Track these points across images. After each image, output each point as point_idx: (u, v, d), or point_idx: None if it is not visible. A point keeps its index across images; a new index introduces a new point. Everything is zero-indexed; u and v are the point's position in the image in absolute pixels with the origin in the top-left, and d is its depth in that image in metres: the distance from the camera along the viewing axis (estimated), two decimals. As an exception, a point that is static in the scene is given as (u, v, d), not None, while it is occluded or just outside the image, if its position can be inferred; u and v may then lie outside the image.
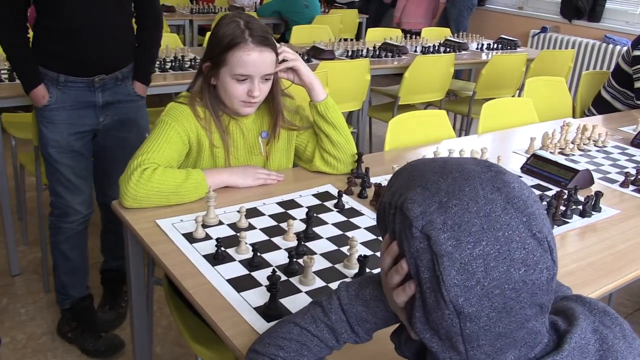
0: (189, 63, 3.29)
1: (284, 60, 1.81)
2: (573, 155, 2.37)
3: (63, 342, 2.42)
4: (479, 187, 0.76)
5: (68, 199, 2.25)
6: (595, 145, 2.52)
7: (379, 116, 4.09)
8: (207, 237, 1.48)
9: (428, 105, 4.66)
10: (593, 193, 1.86)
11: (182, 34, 5.28)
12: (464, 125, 4.56)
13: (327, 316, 0.95)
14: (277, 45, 1.78)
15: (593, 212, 1.83)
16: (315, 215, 1.60)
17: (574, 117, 3.58)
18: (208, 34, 4.15)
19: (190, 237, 1.47)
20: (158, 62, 3.25)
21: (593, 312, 0.86)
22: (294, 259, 1.36)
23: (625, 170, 2.23)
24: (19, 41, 2.10)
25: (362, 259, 1.32)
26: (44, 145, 2.19)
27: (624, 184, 2.09)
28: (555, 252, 0.77)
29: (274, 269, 1.27)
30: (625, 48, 5.46)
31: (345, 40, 4.55)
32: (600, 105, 3.59)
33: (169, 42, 3.72)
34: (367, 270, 1.35)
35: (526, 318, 0.75)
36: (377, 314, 0.93)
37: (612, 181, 2.13)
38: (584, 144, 2.48)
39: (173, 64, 3.24)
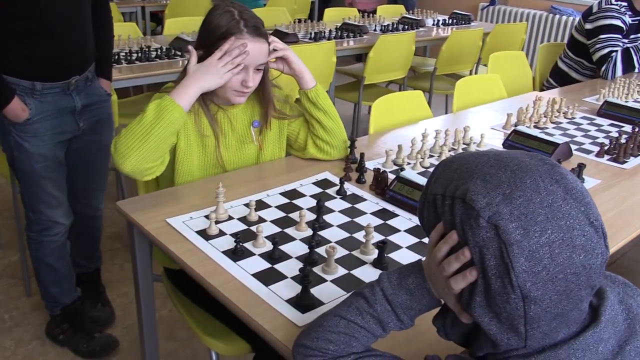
0: (155, 53, 3.24)
1: (274, 50, 1.82)
2: (547, 128, 2.47)
3: (54, 346, 2.39)
4: (539, 179, 0.81)
5: (49, 214, 2.15)
6: (565, 117, 2.62)
7: (344, 96, 4.12)
8: (221, 233, 1.49)
9: (389, 83, 4.72)
10: (576, 165, 1.94)
11: (134, 21, 5.17)
12: (427, 101, 4.63)
13: (372, 307, 0.99)
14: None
15: (578, 184, 1.92)
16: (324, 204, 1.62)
17: (534, 89, 3.70)
18: (171, 20, 4.09)
19: (204, 234, 1.48)
20: (124, 54, 3.19)
21: (616, 284, 0.93)
22: (314, 249, 1.39)
23: (598, 140, 2.34)
24: None
25: (382, 245, 1.36)
26: (26, 161, 2.02)
27: (599, 154, 2.19)
28: (607, 239, 0.83)
29: (304, 265, 1.30)
30: (572, 18, 5.65)
31: (304, 21, 4.54)
32: (558, 76, 3.72)
33: (130, 32, 3.65)
34: (386, 255, 1.40)
35: (581, 299, 0.81)
36: (421, 300, 0.97)
37: (588, 152, 2.23)
38: (555, 117, 2.58)
39: (139, 54, 3.19)
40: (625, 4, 3.40)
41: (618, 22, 3.34)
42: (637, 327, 0.87)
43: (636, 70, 3.45)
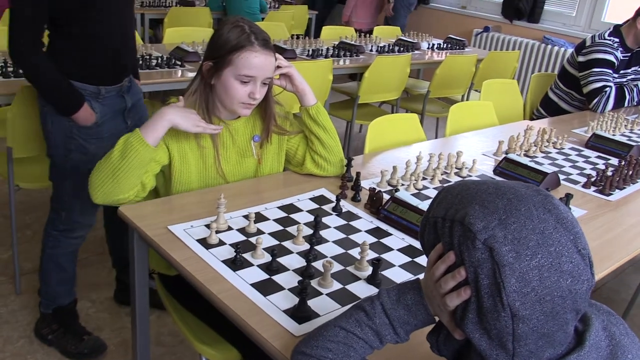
0: (155, 61, 3.29)
1: (278, 67, 1.88)
2: (536, 157, 2.54)
3: (42, 345, 2.41)
4: (532, 207, 0.88)
5: (81, 218, 2.24)
6: (554, 147, 2.70)
7: (337, 114, 4.18)
8: (221, 243, 1.53)
9: (382, 103, 4.79)
10: (564, 195, 2.01)
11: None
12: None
13: (372, 320, 1.04)
14: None
15: (564, 213, 1.98)
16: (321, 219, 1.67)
17: (524, 117, 3.78)
18: (171, 29, 4.15)
19: (205, 243, 1.52)
20: (125, 61, 3.23)
21: (601, 312, 0.99)
22: (311, 263, 1.44)
23: (585, 171, 2.42)
24: (50, 64, 1.99)
25: (377, 262, 1.41)
26: (87, 162, 1.99)
27: (586, 185, 2.26)
28: (593, 267, 0.89)
29: (302, 278, 1.35)
30: (563, 49, 5.78)
31: (298, 37, 4.61)
32: (548, 106, 3.81)
33: (131, 39, 3.70)
34: (379, 272, 1.45)
35: (566, 321, 0.86)
36: (417, 316, 1.03)
37: (575, 182, 2.30)
38: (544, 146, 2.66)
39: (140, 62, 3.23)
40: (617, 40, 3.50)
41: (611, 57, 3.44)
42: (619, 353, 0.93)
43: (625, 106, 3.54)
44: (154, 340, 2.52)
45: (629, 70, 3.63)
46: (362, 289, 1.41)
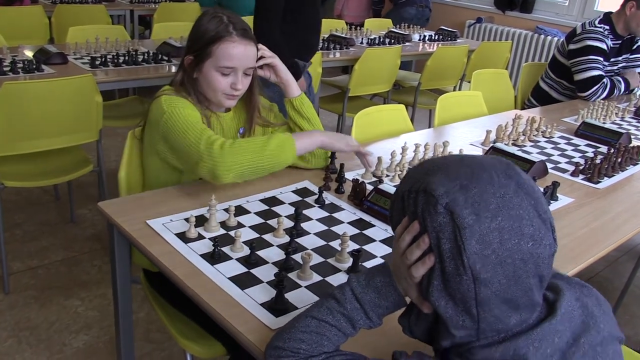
0: (142, 57, 3.26)
1: (261, 57, 1.86)
2: (525, 146, 2.52)
3: (30, 344, 2.39)
4: (494, 174, 0.88)
5: None
6: (543, 136, 2.68)
7: (329, 107, 4.16)
8: (200, 237, 1.51)
9: (374, 95, 4.77)
10: (551, 183, 1.99)
11: (122, 24, 5.19)
12: (410, 115, 4.70)
13: (343, 306, 1.03)
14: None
15: (551, 201, 1.97)
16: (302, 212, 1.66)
17: (515, 107, 3.77)
18: (159, 25, 4.12)
19: (183, 237, 1.50)
20: (111, 57, 3.21)
21: (572, 285, 0.99)
22: (290, 255, 1.42)
23: (574, 160, 2.40)
24: (284, 43, 2.66)
25: (356, 254, 1.40)
26: None
27: (574, 173, 2.24)
28: (555, 233, 0.90)
29: (279, 270, 1.33)
30: (556, 39, 5.75)
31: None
32: (539, 96, 3.79)
33: (118, 35, 3.68)
34: (360, 264, 1.43)
35: (529, 287, 0.87)
36: (388, 298, 1.02)
37: (563, 170, 2.28)
38: (533, 135, 2.64)
39: (126, 58, 3.21)
40: (607, 27, 3.48)
41: (602, 45, 3.41)
42: (592, 323, 0.93)
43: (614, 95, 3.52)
44: (143, 337, 2.50)
45: (620, 58, 3.61)
46: (342, 281, 1.37)
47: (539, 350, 0.87)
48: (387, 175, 2.02)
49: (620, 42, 3.53)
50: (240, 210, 1.68)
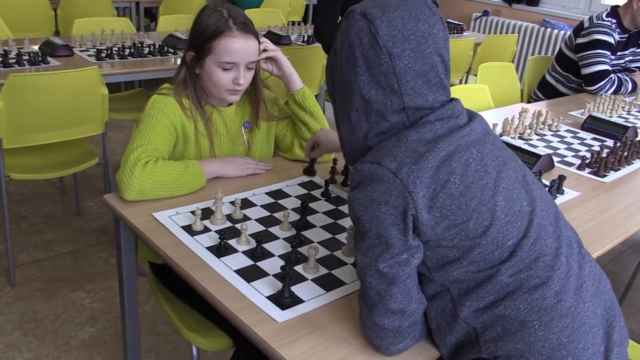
0: (147, 49, 3.26)
1: (264, 50, 1.86)
2: (531, 139, 2.51)
3: (36, 336, 2.40)
4: None
5: None
6: (549, 130, 2.67)
7: (334, 100, 4.14)
8: (206, 230, 1.52)
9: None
10: (557, 177, 1.99)
11: (128, 16, 5.18)
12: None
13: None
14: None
15: (557, 195, 1.96)
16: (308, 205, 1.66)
17: (521, 101, 3.75)
18: (164, 17, 4.11)
19: (189, 230, 1.50)
20: (117, 49, 3.21)
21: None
22: (296, 248, 1.42)
23: (580, 153, 2.39)
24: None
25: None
26: None
27: (580, 167, 2.23)
28: (445, 22, 1.16)
29: (285, 263, 1.33)
30: (562, 32, 5.72)
31: (297, 23, 4.58)
32: (545, 89, 3.78)
33: (124, 27, 3.67)
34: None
35: (434, 63, 1.11)
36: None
37: (569, 164, 2.28)
38: (539, 129, 2.63)
39: (132, 50, 3.21)
40: (615, 21, 3.46)
41: (610, 39, 3.39)
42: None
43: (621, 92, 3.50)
44: (149, 329, 2.51)
45: (627, 52, 3.59)
46: (348, 274, 1.39)
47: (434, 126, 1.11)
48: (393, 169, 2.01)
49: (627, 35, 3.51)
50: (247, 203, 1.68)
